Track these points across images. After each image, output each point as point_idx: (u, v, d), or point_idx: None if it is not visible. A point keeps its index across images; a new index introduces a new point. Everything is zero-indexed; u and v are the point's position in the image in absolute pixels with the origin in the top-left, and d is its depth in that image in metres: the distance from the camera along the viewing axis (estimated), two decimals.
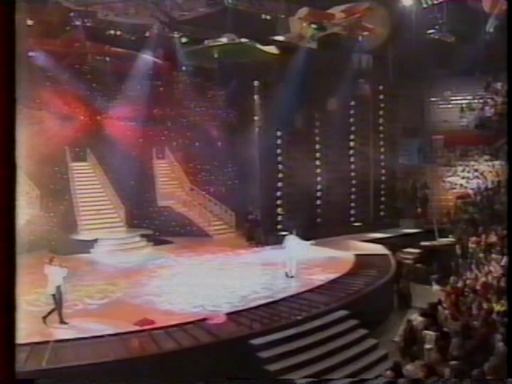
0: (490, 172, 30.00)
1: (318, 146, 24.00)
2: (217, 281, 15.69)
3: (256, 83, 25.79)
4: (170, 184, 27.08)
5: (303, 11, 22.82)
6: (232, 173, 28.19)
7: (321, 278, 15.82)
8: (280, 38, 25.29)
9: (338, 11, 22.65)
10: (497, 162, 29.94)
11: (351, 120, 25.38)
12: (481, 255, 20.66)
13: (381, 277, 16.18)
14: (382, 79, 26.98)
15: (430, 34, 24.78)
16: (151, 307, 13.02)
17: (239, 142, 25.99)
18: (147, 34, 27.37)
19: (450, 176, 30.66)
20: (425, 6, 25.77)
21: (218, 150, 27.92)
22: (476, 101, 32.39)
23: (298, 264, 16.18)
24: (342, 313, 12.80)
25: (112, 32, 26.90)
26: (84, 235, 22.18)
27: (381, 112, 26.61)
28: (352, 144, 25.35)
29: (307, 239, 22.30)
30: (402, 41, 26.01)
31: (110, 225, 23.31)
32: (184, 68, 29.25)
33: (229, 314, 12.00)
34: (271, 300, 13.28)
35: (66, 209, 23.27)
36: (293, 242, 16.42)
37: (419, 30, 25.51)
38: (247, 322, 11.78)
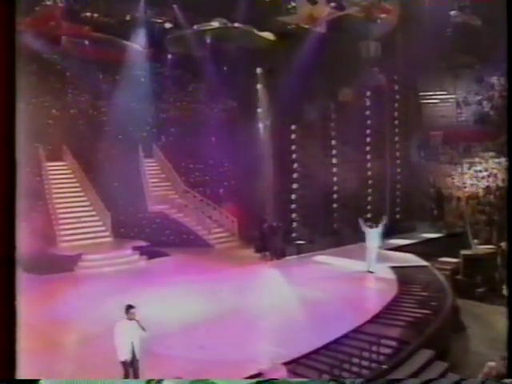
0: (499, 170, 28.08)
1: (334, 142, 21.06)
2: (244, 311, 12.50)
3: (259, 71, 22.79)
4: (161, 186, 23.75)
5: None
6: (228, 172, 25.13)
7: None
8: (286, 20, 22.35)
9: None
10: (503, 160, 28.04)
11: (367, 113, 22.56)
12: None
13: (438, 297, 13.44)
14: (397, 68, 24.27)
15: (455, 16, 22.26)
16: (170, 354, 9.76)
17: (239, 138, 22.92)
18: (128, 18, 24.17)
19: (456, 175, 28.64)
20: None
21: (212, 146, 24.77)
22: (472, 95, 30.63)
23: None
24: (427, 353, 9.91)
25: (88, 14, 23.51)
26: (64, 249, 18.64)
27: (396, 104, 23.92)
28: (368, 140, 22.54)
29: (325, 247, 19.69)
30: (419, 25, 23.38)
31: (94, 235, 19.87)
32: (170, 56, 25.99)
33: (287, 364, 8.92)
34: (329, 340, 10.17)
35: (40, 216, 19.63)
36: (373, 235, 16.18)
37: (439, 12, 22.99)
38: (314, 374, 8.76)
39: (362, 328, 10.92)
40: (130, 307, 8.26)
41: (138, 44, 24.53)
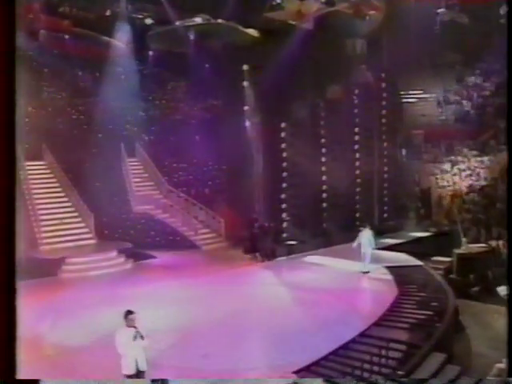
0: (482, 168, 28.20)
1: (323, 140, 20.69)
2: (243, 315, 11.96)
3: (245, 67, 22.27)
4: (145, 186, 23.01)
5: None
6: (213, 172, 24.55)
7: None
8: (273, 16, 21.89)
9: None
10: (486, 158, 28.21)
11: (356, 111, 22.27)
12: None
13: (438, 297, 13.16)
14: (384, 66, 24.04)
15: (441, 13, 22.14)
16: (173, 364, 9.17)
17: (224, 136, 22.40)
18: (108, 13, 23.47)
19: (439, 173, 28.70)
20: None
21: (196, 145, 24.12)
22: (451, 94, 30.84)
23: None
24: (439, 357, 9.56)
25: (67, 8, 22.75)
26: (46, 252, 17.78)
27: (383, 103, 23.69)
28: (357, 138, 22.25)
29: (316, 248, 19.34)
30: (406, 22, 23.18)
31: (77, 237, 19.08)
32: (151, 53, 25.31)
33: (297, 373, 8.46)
34: (337, 345, 9.70)
35: (20, 218, 18.66)
36: (366, 236, 15.73)
37: (426, 9, 22.85)
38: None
39: (369, 332, 10.50)
40: (128, 313, 7.59)
41: (118, 40, 23.82)
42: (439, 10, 22.45)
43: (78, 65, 23.95)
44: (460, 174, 28.14)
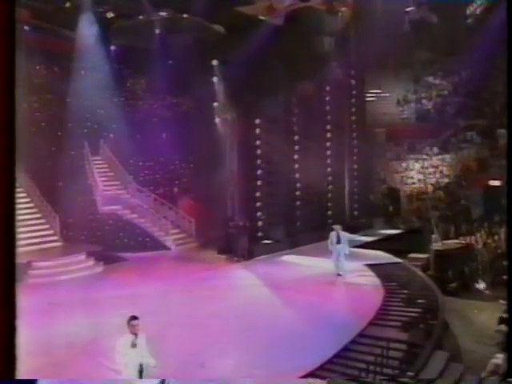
0: (445, 166, 28.75)
1: (296, 137, 20.34)
2: (232, 319, 11.40)
3: (215, 63, 21.68)
4: (111, 185, 22.02)
5: None
6: (180, 170, 23.87)
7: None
8: (243, 10, 21.38)
9: None
10: (447, 156, 28.81)
11: (327, 108, 22.07)
12: None
13: (425, 294, 13.07)
14: (353, 64, 23.96)
15: (409, 12, 22.28)
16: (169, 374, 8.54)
17: (192, 134, 21.79)
18: (67, 5, 22.37)
19: (404, 171, 29.09)
20: None
21: (162, 143, 23.34)
22: (410, 94, 31.44)
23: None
24: (442, 355, 9.35)
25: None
26: None
27: (353, 100, 23.62)
28: (329, 135, 22.05)
29: (291, 247, 19.04)
30: (375, 20, 23.21)
31: (42, 239, 18.00)
32: (114, 48, 24.34)
33: (304, 377, 8.03)
34: (335, 347, 9.31)
35: None
36: (335, 237, 15.00)
37: (395, 8, 22.94)
38: None
39: (367, 332, 10.18)
40: (131, 319, 6.93)
41: (78, 34, 22.71)
42: (408, 9, 22.57)
43: (35, 59, 22.72)
44: (424, 172, 28.58)
